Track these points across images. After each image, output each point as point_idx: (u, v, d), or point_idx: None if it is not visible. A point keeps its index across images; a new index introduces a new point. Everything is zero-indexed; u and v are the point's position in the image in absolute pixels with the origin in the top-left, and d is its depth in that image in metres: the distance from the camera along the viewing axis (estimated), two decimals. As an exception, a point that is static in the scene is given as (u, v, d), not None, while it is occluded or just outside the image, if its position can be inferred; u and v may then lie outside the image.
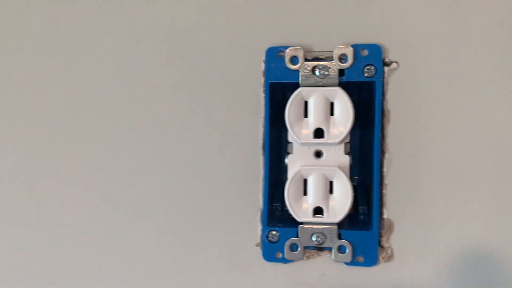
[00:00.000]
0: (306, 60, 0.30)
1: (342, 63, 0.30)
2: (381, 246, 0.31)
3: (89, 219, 0.33)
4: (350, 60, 0.30)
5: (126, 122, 0.33)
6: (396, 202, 0.30)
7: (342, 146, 0.31)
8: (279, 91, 0.32)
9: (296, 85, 0.31)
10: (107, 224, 0.33)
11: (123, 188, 0.33)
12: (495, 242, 0.30)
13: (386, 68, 0.30)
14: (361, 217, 0.34)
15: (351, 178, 0.34)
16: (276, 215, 0.34)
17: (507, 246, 0.30)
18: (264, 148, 0.31)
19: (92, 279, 0.33)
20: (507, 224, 0.30)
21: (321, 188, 0.30)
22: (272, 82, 0.31)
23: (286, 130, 0.31)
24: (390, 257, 0.31)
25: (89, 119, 0.33)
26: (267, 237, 0.31)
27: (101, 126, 0.33)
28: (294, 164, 0.31)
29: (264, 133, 0.31)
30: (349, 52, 0.30)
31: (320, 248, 0.31)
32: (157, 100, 0.32)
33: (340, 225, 0.31)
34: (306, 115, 0.30)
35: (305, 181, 0.31)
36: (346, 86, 0.30)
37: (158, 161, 0.33)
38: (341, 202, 0.30)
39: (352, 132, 0.34)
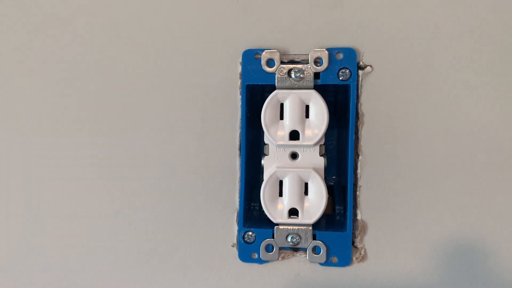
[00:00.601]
0: (282, 63, 0.30)
1: (317, 66, 0.30)
2: (355, 247, 0.31)
3: (63, 219, 0.33)
4: (325, 64, 0.30)
5: (101, 122, 0.33)
6: (369, 204, 0.31)
7: (317, 148, 0.31)
8: (256, 93, 0.33)
9: (273, 88, 0.31)
10: (80, 224, 0.33)
11: (97, 188, 0.33)
12: (467, 241, 0.31)
13: (360, 72, 0.30)
14: (337, 217, 0.34)
15: (328, 178, 0.35)
16: (254, 215, 0.34)
17: (479, 244, 0.31)
18: (240, 149, 0.32)
19: (65, 277, 0.33)
20: (478, 223, 0.31)
21: (296, 190, 0.31)
22: (248, 84, 0.31)
23: (263, 131, 0.31)
24: (363, 258, 0.31)
25: (63, 119, 0.33)
26: (243, 237, 0.32)
27: (74, 126, 0.33)
28: (270, 165, 0.31)
29: (241, 134, 0.31)
30: (324, 55, 0.30)
31: (295, 249, 0.32)
32: (132, 101, 0.32)
33: (316, 225, 0.31)
34: (282, 117, 0.31)
35: (281, 182, 0.31)
36: (322, 88, 0.31)
37: (133, 161, 0.32)
38: (315, 203, 0.31)
39: (331, 132, 0.35)
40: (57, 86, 0.33)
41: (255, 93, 0.32)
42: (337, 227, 0.32)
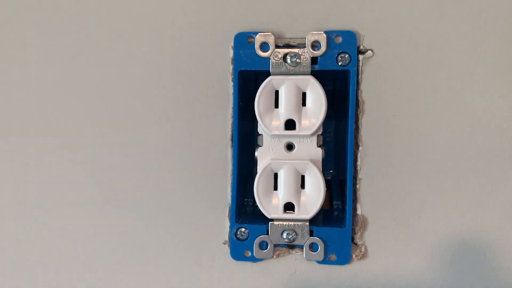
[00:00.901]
0: (277, 47, 0.29)
1: (315, 50, 0.28)
2: (355, 244, 0.30)
3: (50, 215, 0.31)
4: (323, 48, 0.28)
5: (86, 115, 0.31)
6: (370, 198, 0.29)
7: (314, 139, 0.29)
8: (249, 80, 0.31)
9: (267, 74, 0.29)
10: (70, 220, 0.31)
11: (87, 183, 0.31)
12: (471, 236, 0.29)
13: (361, 57, 0.29)
14: (335, 212, 0.33)
15: (326, 172, 0.33)
16: (247, 210, 0.32)
17: (482, 240, 0.29)
18: (232, 140, 0.30)
19: (53, 274, 0.32)
20: (482, 218, 0.29)
21: (292, 183, 0.29)
22: (241, 70, 0.29)
23: (256, 121, 0.29)
24: (363, 255, 0.30)
25: (50, 114, 0.31)
26: (236, 234, 0.30)
27: (64, 118, 0.31)
28: (264, 157, 0.29)
29: (233, 124, 0.30)
30: (322, 39, 0.28)
31: (291, 246, 0.30)
32: (119, 90, 0.30)
33: (313, 221, 0.30)
34: (277, 106, 0.29)
35: (276, 175, 0.29)
36: (320, 75, 0.29)
37: (121, 154, 0.31)
38: (313, 197, 0.29)
39: (328, 124, 0.33)
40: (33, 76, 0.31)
41: (248, 80, 0.31)
42: (336, 223, 0.30)
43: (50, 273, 0.32)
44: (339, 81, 0.31)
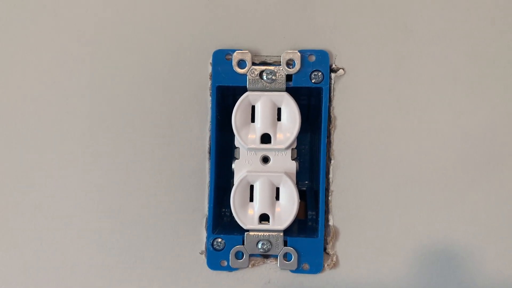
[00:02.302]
0: (254, 64, 0.30)
1: (290, 68, 0.30)
2: (327, 253, 0.31)
3: (23, 221, 0.31)
4: (297, 66, 0.30)
5: (65, 123, 0.31)
6: (341, 209, 0.30)
7: (289, 152, 0.30)
8: (228, 95, 0.32)
9: (244, 89, 0.30)
10: (41, 229, 0.31)
11: (59, 192, 0.31)
12: (439, 246, 0.30)
13: (333, 75, 0.30)
14: (309, 223, 0.34)
15: (302, 183, 0.35)
16: (225, 221, 0.33)
17: (450, 249, 0.30)
18: (210, 152, 0.31)
19: (23, 283, 0.31)
20: (450, 227, 0.30)
21: (268, 195, 0.30)
22: (219, 86, 0.30)
23: (234, 134, 0.30)
24: (335, 264, 0.31)
25: (27, 118, 0.31)
26: (212, 244, 0.30)
27: (39, 125, 0.31)
28: (241, 169, 0.30)
29: (211, 137, 0.31)
30: (297, 57, 0.29)
31: (266, 256, 0.31)
32: (98, 102, 0.31)
33: (287, 231, 0.31)
34: (253, 120, 0.30)
35: (252, 187, 0.30)
36: (294, 91, 0.30)
37: (98, 164, 0.31)
38: (287, 208, 0.30)
39: (303, 137, 0.35)
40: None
41: (227, 95, 0.32)
42: (309, 233, 0.31)
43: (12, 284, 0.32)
44: (313, 97, 0.32)
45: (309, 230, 0.32)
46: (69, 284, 0.31)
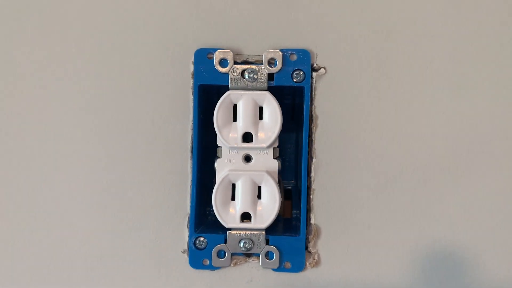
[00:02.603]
0: (236, 63, 0.30)
1: (271, 67, 0.30)
2: (308, 252, 0.31)
3: (5, 220, 0.31)
4: (279, 65, 0.30)
5: (46, 123, 0.31)
6: (323, 207, 0.31)
7: (271, 151, 0.30)
8: (211, 94, 0.32)
9: (227, 88, 0.30)
10: (24, 228, 0.31)
11: (40, 191, 0.31)
12: (420, 245, 0.31)
13: (314, 74, 0.30)
14: (293, 222, 0.34)
15: (288, 182, 0.35)
16: (209, 219, 0.33)
17: (430, 248, 0.31)
18: (192, 151, 0.31)
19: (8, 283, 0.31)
20: (430, 227, 0.31)
21: (249, 193, 0.30)
22: (201, 85, 0.30)
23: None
24: (317, 263, 0.31)
25: (10, 118, 0.31)
26: (194, 243, 0.30)
27: (21, 126, 0.31)
28: (223, 168, 0.30)
29: (193, 136, 0.31)
30: (278, 56, 0.30)
31: (248, 254, 0.31)
32: (79, 101, 0.31)
33: (270, 230, 0.31)
34: (235, 119, 0.30)
35: (234, 185, 0.30)
36: (277, 90, 0.30)
37: (79, 163, 0.31)
38: (269, 207, 0.30)
39: (289, 136, 0.35)
40: None
41: (211, 94, 0.32)
42: (292, 231, 0.32)
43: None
44: (297, 96, 0.32)
45: (293, 228, 0.32)
46: (50, 284, 0.31)
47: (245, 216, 0.30)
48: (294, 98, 0.33)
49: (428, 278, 0.31)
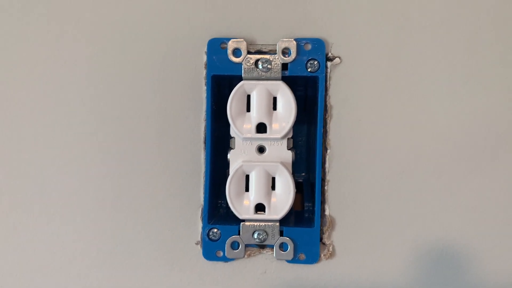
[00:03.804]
0: (249, 53, 0.29)
1: (285, 57, 0.29)
2: (323, 243, 0.31)
3: (19, 217, 0.31)
4: (293, 54, 0.29)
5: (61, 117, 0.31)
6: (337, 199, 0.30)
7: (285, 142, 0.30)
8: (224, 84, 0.31)
9: (240, 78, 0.30)
10: (39, 222, 0.31)
11: (56, 184, 0.31)
12: (436, 237, 0.30)
13: (329, 63, 0.30)
14: (306, 214, 0.34)
15: (298, 174, 0.34)
16: (221, 212, 0.33)
17: (445, 241, 0.30)
18: (205, 142, 0.30)
19: (22, 278, 0.31)
20: (445, 219, 0.30)
21: (263, 184, 0.30)
22: (214, 75, 0.30)
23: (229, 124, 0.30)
24: (331, 254, 0.30)
25: (22, 115, 0.31)
26: (208, 235, 0.30)
27: (36, 119, 0.31)
28: (237, 159, 0.30)
29: (206, 127, 0.30)
30: (292, 46, 0.29)
31: (262, 246, 0.31)
32: (93, 93, 0.31)
33: (284, 222, 0.30)
34: (249, 109, 0.30)
35: (248, 177, 0.30)
36: (290, 80, 0.30)
37: (94, 155, 0.31)
38: (283, 198, 0.30)
39: (300, 128, 0.34)
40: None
41: (223, 84, 0.31)
42: (306, 223, 0.31)
43: (14, 277, 0.32)
44: (310, 87, 0.32)
45: (306, 220, 0.32)
46: (65, 275, 0.31)
47: (259, 207, 0.30)
48: (306, 89, 0.32)
49: (442, 270, 0.30)
